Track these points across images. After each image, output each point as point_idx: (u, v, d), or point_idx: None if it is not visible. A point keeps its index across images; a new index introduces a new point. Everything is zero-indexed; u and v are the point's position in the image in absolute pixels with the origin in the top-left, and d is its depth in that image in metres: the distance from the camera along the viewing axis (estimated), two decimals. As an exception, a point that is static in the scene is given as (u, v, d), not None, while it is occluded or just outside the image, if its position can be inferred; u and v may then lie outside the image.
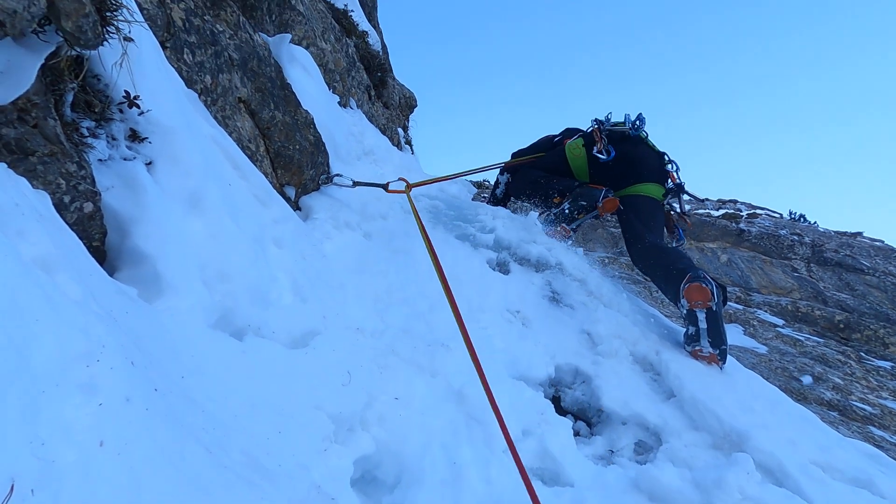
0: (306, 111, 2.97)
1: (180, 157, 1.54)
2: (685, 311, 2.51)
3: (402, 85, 6.82)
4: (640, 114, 3.38)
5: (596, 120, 3.48)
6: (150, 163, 1.40)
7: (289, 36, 3.00)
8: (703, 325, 2.38)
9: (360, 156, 4.27)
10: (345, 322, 2.08)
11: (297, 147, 2.76)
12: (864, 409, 3.13)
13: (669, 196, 3.41)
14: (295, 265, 2.05)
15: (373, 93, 5.34)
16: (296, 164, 2.76)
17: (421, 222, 2.47)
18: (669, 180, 3.36)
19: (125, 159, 1.30)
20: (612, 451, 1.72)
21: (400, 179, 3.31)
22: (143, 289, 1.25)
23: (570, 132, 3.83)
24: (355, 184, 3.17)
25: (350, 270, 2.64)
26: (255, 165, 2.31)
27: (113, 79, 1.23)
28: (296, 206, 2.91)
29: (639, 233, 3.10)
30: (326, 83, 3.93)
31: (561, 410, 1.98)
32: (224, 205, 1.72)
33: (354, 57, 4.87)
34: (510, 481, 1.44)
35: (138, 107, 1.31)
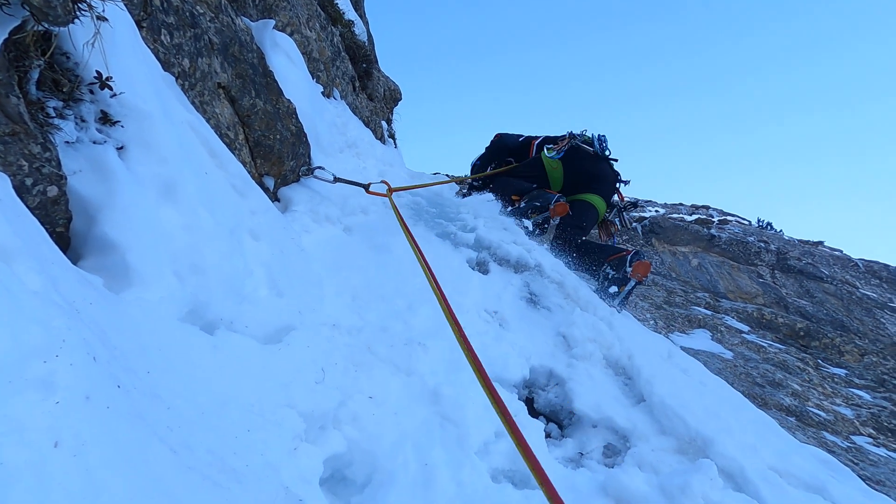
0: (288, 100, 2.91)
1: (154, 143, 1.48)
2: (617, 277, 3.36)
3: (388, 77, 6.75)
4: (603, 135, 4.06)
5: (570, 132, 4.07)
6: (121, 147, 1.34)
7: (272, 22, 2.93)
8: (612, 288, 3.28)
9: (343, 148, 4.21)
10: (321, 318, 2.05)
11: (278, 137, 2.70)
12: (819, 415, 3.26)
13: (612, 210, 4.11)
14: (272, 258, 2.01)
15: (357, 84, 5.26)
16: (276, 154, 2.70)
17: (406, 227, 2.46)
18: (617, 197, 4.04)
19: (95, 142, 1.24)
20: (582, 454, 1.74)
21: (382, 182, 3.30)
22: (110, 279, 1.20)
23: (531, 138, 4.47)
24: (336, 180, 3.13)
25: (328, 265, 2.61)
26: (234, 154, 2.25)
27: (84, 58, 1.18)
28: (274, 198, 2.85)
29: (569, 224, 3.80)
30: (310, 72, 3.86)
31: (534, 412, 2.00)
32: (199, 194, 1.67)
33: (340, 46, 4.79)
34: (481, 483, 1.44)
35: (110, 88, 1.25)
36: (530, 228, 3.76)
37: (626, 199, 4.10)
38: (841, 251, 12.31)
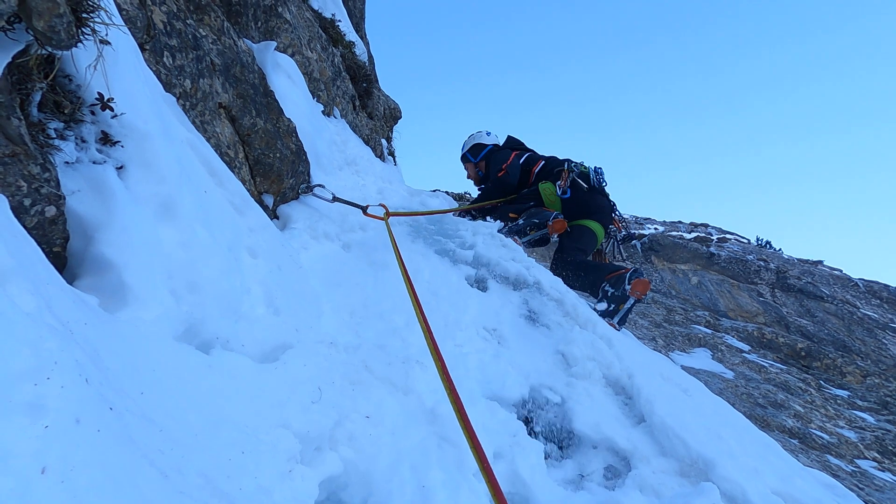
0: (289, 119, 2.94)
1: (154, 163, 1.49)
2: (616, 295, 3.36)
3: (388, 96, 6.84)
4: (600, 168, 4.25)
5: (568, 163, 4.22)
6: (121, 167, 1.35)
7: (273, 43, 2.98)
8: (607, 305, 3.34)
9: (343, 165, 4.25)
10: (318, 336, 2.04)
11: (278, 155, 2.72)
12: (823, 438, 3.21)
13: (609, 241, 4.27)
14: (269, 276, 2.01)
15: (357, 103, 5.33)
16: (275, 172, 2.72)
17: (398, 250, 2.48)
18: (613, 227, 4.19)
19: (94, 162, 1.25)
20: (582, 476, 1.71)
21: (380, 205, 3.35)
22: (106, 298, 1.20)
23: (529, 162, 4.57)
24: (335, 199, 3.16)
25: (326, 283, 2.60)
26: (233, 172, 2.27)
27: (86, 80, 1.19)
28: (273, 215, 2.86)
29: (569, 247, 3.92)
30: (311, 92, 3.92)
31: (532, 432, 1.97)
32: (198, 212, 1.68)
33: (340, 66, 4.87)
34: (479, 506, 1.42)
35: (111, 109, 1.27)
36: (521, 243, 3.82)
37: (622, 228, 4.24)
38: (840, 270, 12.32)
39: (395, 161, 6.63)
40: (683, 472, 1.63)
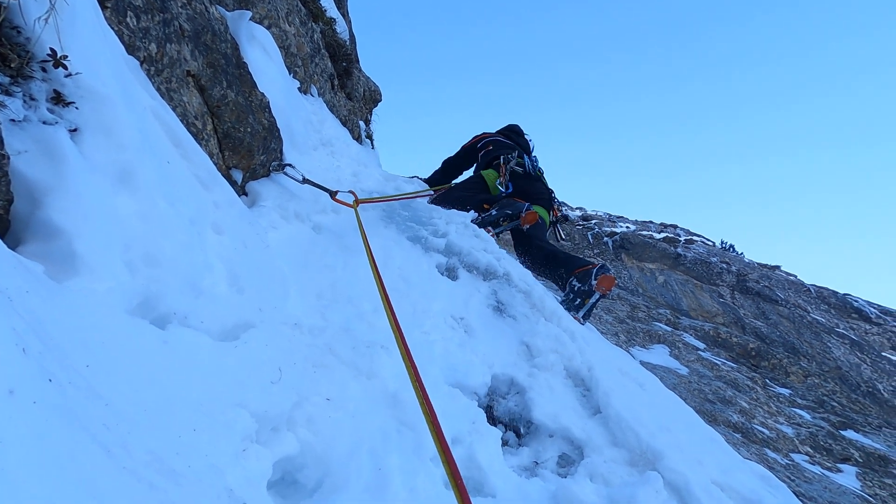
0: (262, 93, 2.85)
1: (113, 128, 1.42)
2: (582, 289, 3.42)
3: (368, 77, 6.71)
4: (534, 156, 4.57)
5: (503, 156, 4.42)
6: (75, 130, 1.28)
7: (248, 13, 2.87)
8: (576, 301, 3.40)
9: (318, 146, 4.16)
10: (282, 317, 2.00)
11: (249, 130, 2.64)
12: (763, 433, 3.39)
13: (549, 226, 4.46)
14: (234, 253, 1.95)
15: (336, 82, 5.21)
16: (246, 147, 2.64)
17: (366, 238, 2.47)
18: (551, 213, 4.37)
19: (45, 123, 1.18)
20: (537, 463, 1.75)
21: (349, 192, 3.31)
22: (53, 266, 1.14)
23: (482, 146, 4.84)
24: (305, 181, 3.09)
25: (294, 264, 2.56)
26: (200, 144, 2.19)
27: (35, 33, 1.12)
28: (242, 192, 2.78)
29: (535, 235, 4.04)
30: (287, 67, 3.80)
31: (493, 419, 2.00)
32: (159, 183, 1.61)
33: (320, 43, 4.74)
34: (434, 490, 1.43)
35: (65, 67, 1.19)
36: (494, 234, 3.89)
37: (559, 213, 4.49)
38: (795, 276, 12.94)
39: (372, 144, 6.54)
40: (633, 462, 1.70)
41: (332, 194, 3.19)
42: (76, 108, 1.25)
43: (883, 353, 9.59)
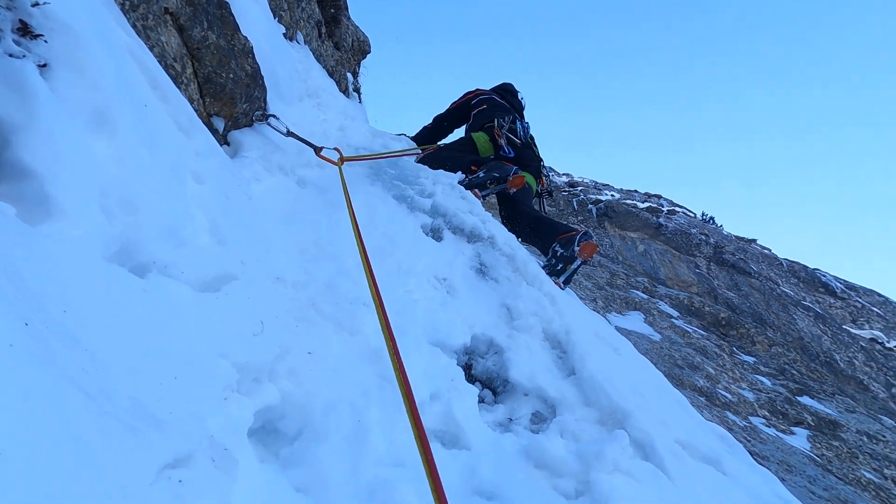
0: (245, 37, 2.71)
1: (86, 65, 1.34)
2: (564, 255, 3.47)
3: (357, 27, 6.42)
4: (526, 123, 4.47)
5: (497, 119, 4.35)
6: (44, 65, 1.21)
7: (233, -53, 2.68)
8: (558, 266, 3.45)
9: (303, 96, 4.01)
10: (265, 270, 1.99)
11: (231, 76, 2.52)
12: (726, 397, 3.59)
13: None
14: (216, 204, 1.91)
15: (323, 30, 4.97)
16: (228, 93, 2.53)
17: (349, 197, 2.43)
18: (539, 184, 4.39)
19: (11, 55, 1.11)
20: (511, 420, 1.83)
21: (335, 149, 3.22)
22: (25, 209, 1.10)
23: (472, 107, 4.77)
24: (289, 133, 3.00)
25: (278, 218, 2.52)
26: (179, 88, 2.09)
27: (-2, -46, 1.03)
28: (224, 141, 2.69)
29: (521, 200, 4.04)
30: (272, 10, 3.60)
31: (471, 378, 2.06)
32: (137, 127, 1.54)
33: (308, -14, 4.48)
34: (411, 442, 1.48)
35: (32, -5, 1.11)
36: (481, 196, 3.89)
37: (545, 184, 4.53)
38: (769, 250, 13.30)
39: (360, 98, 6.33)
40: (602, 422, 1.78)
41: (317, 150, 3.11)
42: (45, 41, 1.17)
43: (843, 326, 10.09)
